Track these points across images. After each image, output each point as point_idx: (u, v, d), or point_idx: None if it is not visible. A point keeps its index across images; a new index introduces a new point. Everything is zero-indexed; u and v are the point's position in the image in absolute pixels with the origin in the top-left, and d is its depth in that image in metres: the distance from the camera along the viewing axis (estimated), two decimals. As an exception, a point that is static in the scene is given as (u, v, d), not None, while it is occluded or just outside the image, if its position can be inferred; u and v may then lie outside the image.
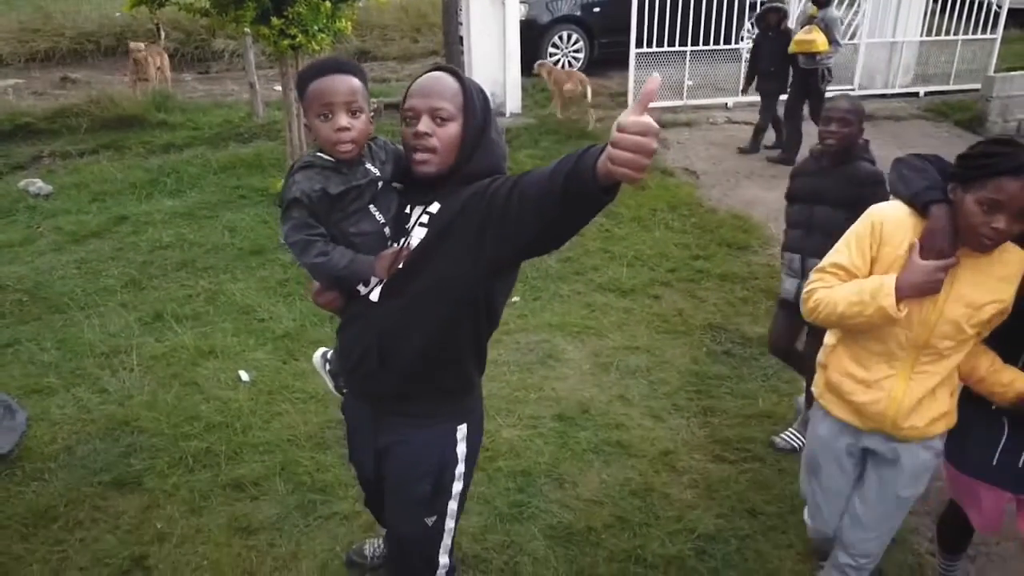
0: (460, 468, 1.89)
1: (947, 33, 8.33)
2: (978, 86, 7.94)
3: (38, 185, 5.72)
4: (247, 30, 5.07)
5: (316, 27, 4.76)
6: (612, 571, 2.59)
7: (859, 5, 8.13)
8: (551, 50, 8.64)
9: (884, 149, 7.04)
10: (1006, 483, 2.08)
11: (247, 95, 7.57)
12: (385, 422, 1.88)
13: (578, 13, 8.64)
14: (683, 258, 4.97)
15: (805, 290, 2.03)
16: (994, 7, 8.19)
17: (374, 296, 1.74)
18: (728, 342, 4.03)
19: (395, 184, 1.80)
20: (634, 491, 2.98)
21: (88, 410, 3.46)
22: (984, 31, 8.33)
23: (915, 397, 1.96)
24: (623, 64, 7.83)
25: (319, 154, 1.72)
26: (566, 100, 7.10)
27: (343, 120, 1.66)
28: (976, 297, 1.84)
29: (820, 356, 2.18)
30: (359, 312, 1.77)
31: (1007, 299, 1.85)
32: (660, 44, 7.63)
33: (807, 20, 6.22)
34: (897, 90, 8.33)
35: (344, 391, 2.02)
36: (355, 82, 1.70)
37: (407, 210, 1.76)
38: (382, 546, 2.59)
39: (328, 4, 4.79)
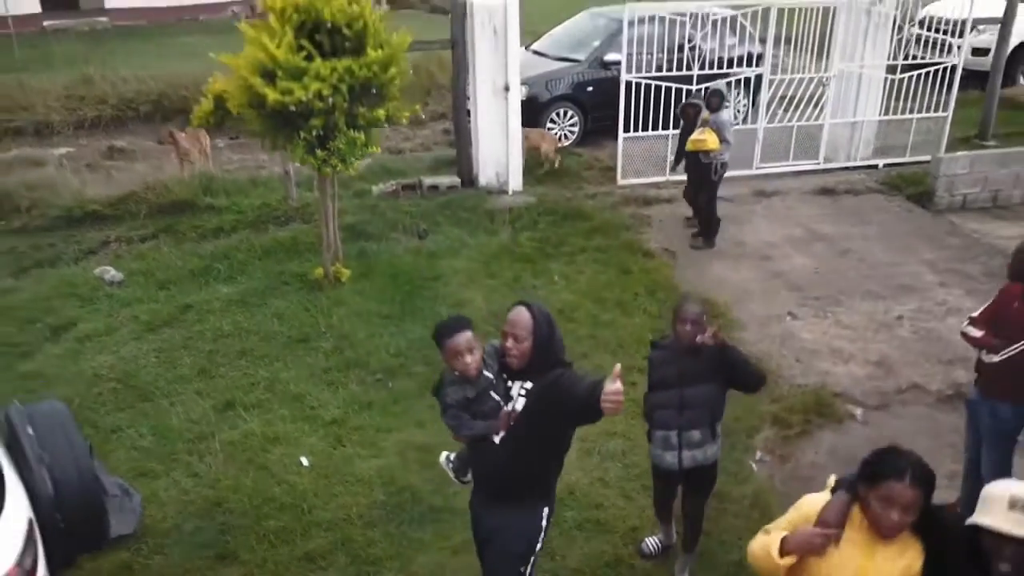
0: (542, 536, 3.06)
1: (904, 112, 9.30)
2: (930, 157, 8.96)
3: (111, 273, 6.71)
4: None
5: (352, 157, 5.76)
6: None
7: (824, 89, 9.10)
8: (549, 124, 9.65)
9: (841, 226, 8.09)
10: None
11: (278, 168, 8.57)
12: (495, 507, 3.05)
13: (572, 92, 9.64)
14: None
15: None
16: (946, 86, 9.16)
17: (497, 440, 2.91)
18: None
19: (503, 374, 2.99)
20: (608, 563, 3.98)
21: (186, 492, 4.45)
22: (938, 109, 9.31)
23: None
24: (612, 134, 8.83)
25: (456, 373, 2.92)
26: (543, 156, 8.81)
27: (467, 359, 2.84)
28: None
29: None
30: (487, 448, 2.96)
31: None
32: (644, 128, 8.61)
33: (703, 122, 7.19)
34: (858, 163, 9.31)
35: (464, 481, 3.26)
36: (469, 334, 2.88)
37: (509, 383, 2.95)
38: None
39: (362, 136, 5.79)
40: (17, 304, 6.38)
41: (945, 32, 9.37)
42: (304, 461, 4.70)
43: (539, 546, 3.09)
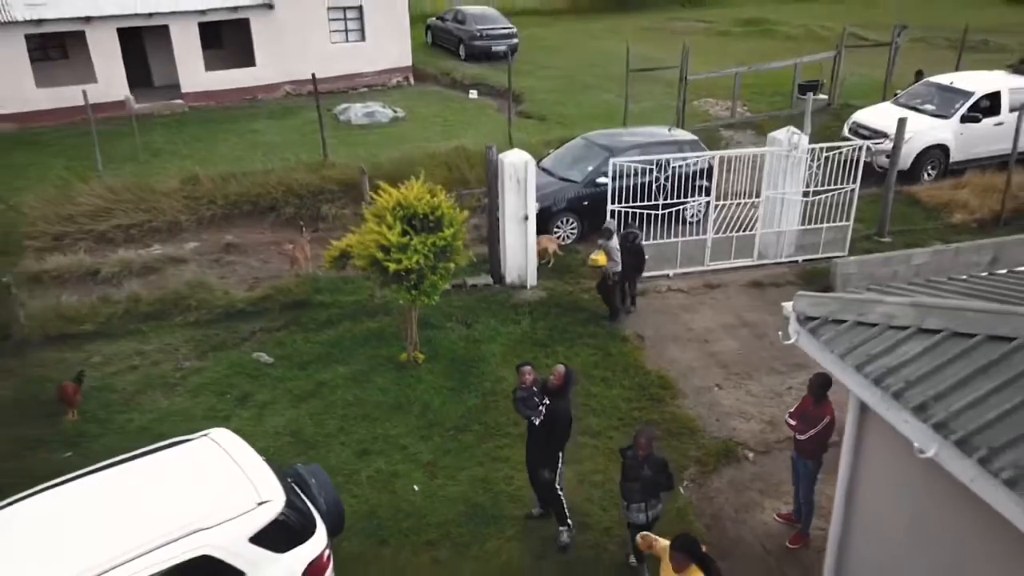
0: (560, 468, 6.94)
1: (818, 222, 12.61)
2: (840, 253, 12.30)
3: (264, 357, 10.07)
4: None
5: (434, 293, 9.11)
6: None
7: (755, 210, 12.44)
8: (556, 228, 12.99)
9: (762, 314, 11.33)
10: None
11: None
12: (535, 454, 6.88)
13: (572, 205, 13.00)
14: (627, 409, 9.28)
15: None
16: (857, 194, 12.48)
17: (536, 422, 6.58)
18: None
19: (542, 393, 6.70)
20: (590, 546, 7.29)
21: (351, 506, 7.74)
22: (842, 220, 12.63)
23: None
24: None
25: (522, 384, 6.61)
26: (550, 253, 12.23)
27: (527, 378, 6.83)
28: None
29: None
30: (532, 425, 6.79)
31: None
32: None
33: (598, 246, 10.73)
34: (783, 259, 12.64)
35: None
36: (528, 367, 6.83)
37: (544, 398, 6.70)
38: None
39: (439, 279, 9.13)
40: (209, 381, 9.72)
41: (866, 136, 12.69)
42: (415, 488, 8.04)
43: (559, 476, 6.76)
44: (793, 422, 7.34)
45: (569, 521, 7.34)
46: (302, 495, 6.24)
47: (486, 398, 9.39)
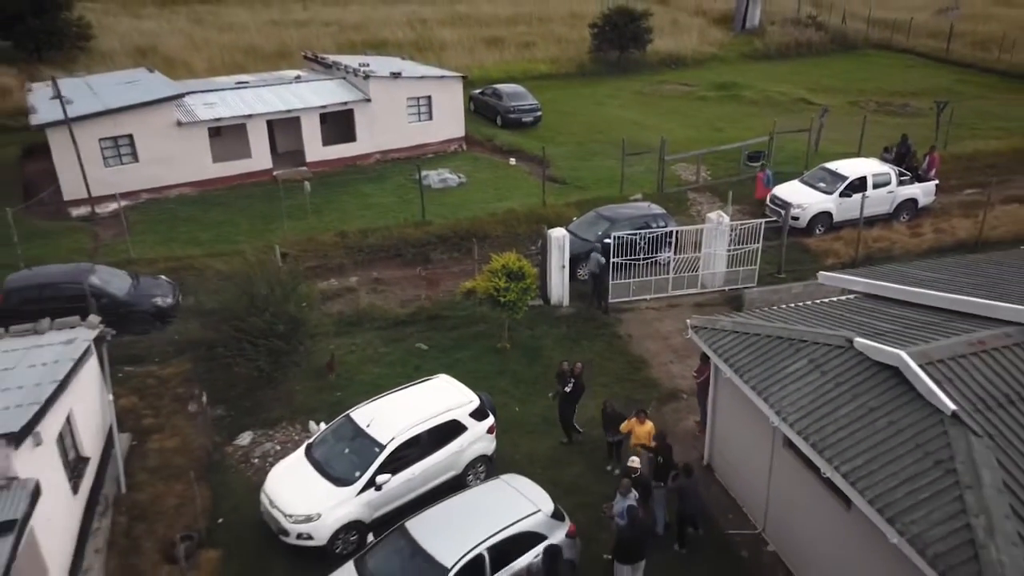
0: (576, 407, 15.16)
1: (737, 265, 20.87)
2: (750, 285, 20.59)
3: (422, 346, 18.35)
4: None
5: (520, 311, 17.39)
6: None
7: (698, 260, 20.73)
8: (580, 268, 21.23)
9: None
10: None
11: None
12: (564, 407, 15.11)
13: (588, 254, 21.26)
14: (620, 373, 17.56)
15: None
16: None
17: (567, 390, 14.87)
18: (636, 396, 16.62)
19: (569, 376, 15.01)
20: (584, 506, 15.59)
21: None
22: (751, 264, 20.89)
23: None
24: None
25: (560, 371, 14.98)
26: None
27: (564, 366, 14.91)
28: None
29: None
30: (562, 394, 15.02)
31: None
32: (622, 275, 20.24)
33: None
34: (716, 289, 20.90)
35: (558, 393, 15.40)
36: (565, 363, 15.18)
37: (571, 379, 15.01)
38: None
39: (522, 304, 17.41)
40: (395, 359, 17.97)
41: (780, 206, 21.03)
42: (516, 409, 16.30)
43: (575, 415, 14.96)
44: (696, 374, 15.63)
45: (580, 434, 15.56)
46: (482, 399, 14.52)
47: (544, 368, 17.62)
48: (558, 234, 19.54)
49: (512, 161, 30.59)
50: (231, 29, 48.52)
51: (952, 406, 10.05)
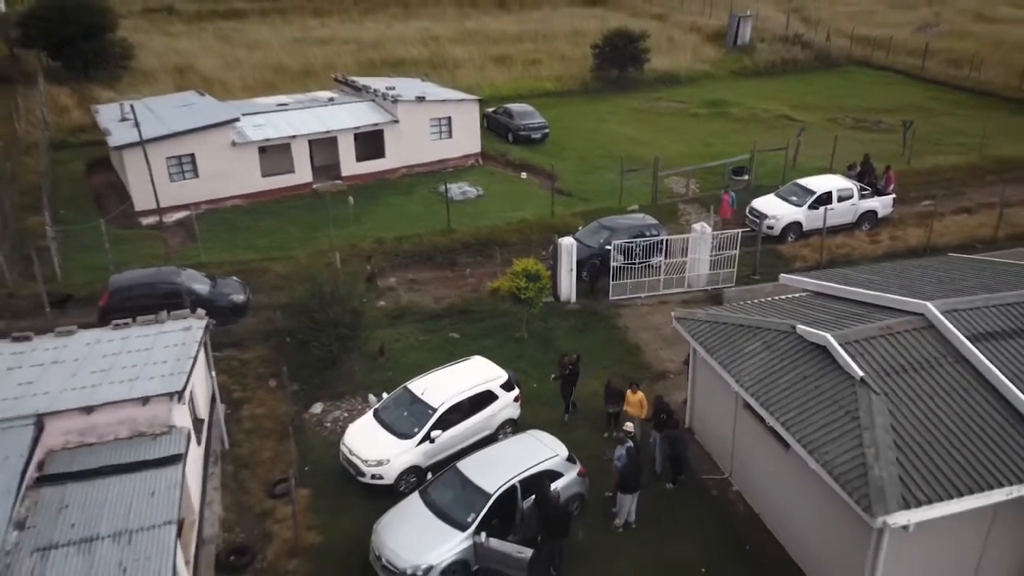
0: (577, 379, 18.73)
1: (718, 268, 24.65)
2: (729, 285, 24.32)
3: (455, 335, 22.13)
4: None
5: (535, 306, 21.18)
6: None
7: (685, 264, 24.54)
8: (583, 271, 25.00)
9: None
10: None
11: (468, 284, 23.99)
12: (566, 385, 18.83)
13: (593, 259, 25.02)
14: (618, 357, 21.33)
15: None
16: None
17: (566, 373, 18.73)
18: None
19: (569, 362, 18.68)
20: (590, 457, 19.39)
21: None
22: (730, 267, 24.66)
23: None
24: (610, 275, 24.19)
25: (562, 360, 18.50)
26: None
27: (565, 358, 18.46)
28: None
29: None
30: (562, 375, 18.81)
31: None
32: (621, 276, 24.02)
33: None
34: (700, 288, 24.68)
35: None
36: (574, 355, 18.49)
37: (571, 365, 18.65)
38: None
39: (539, 300, 21.20)
40: (433, 346, 21.75)
41: (758, 217, 24.88)
42: (535, 385, 20.06)
43: (572, 394, 18.76)
44: (684, 360, 19.42)
45: (576, 408, 19.30)
46: (509, 375, 18.30)
47: (556, 354, 21.36)
48: (567, 242, 23.31)
49: (523, 175, 34.39)
50: (257, 47, 52.36)
51: (860, 373, 13.83)
